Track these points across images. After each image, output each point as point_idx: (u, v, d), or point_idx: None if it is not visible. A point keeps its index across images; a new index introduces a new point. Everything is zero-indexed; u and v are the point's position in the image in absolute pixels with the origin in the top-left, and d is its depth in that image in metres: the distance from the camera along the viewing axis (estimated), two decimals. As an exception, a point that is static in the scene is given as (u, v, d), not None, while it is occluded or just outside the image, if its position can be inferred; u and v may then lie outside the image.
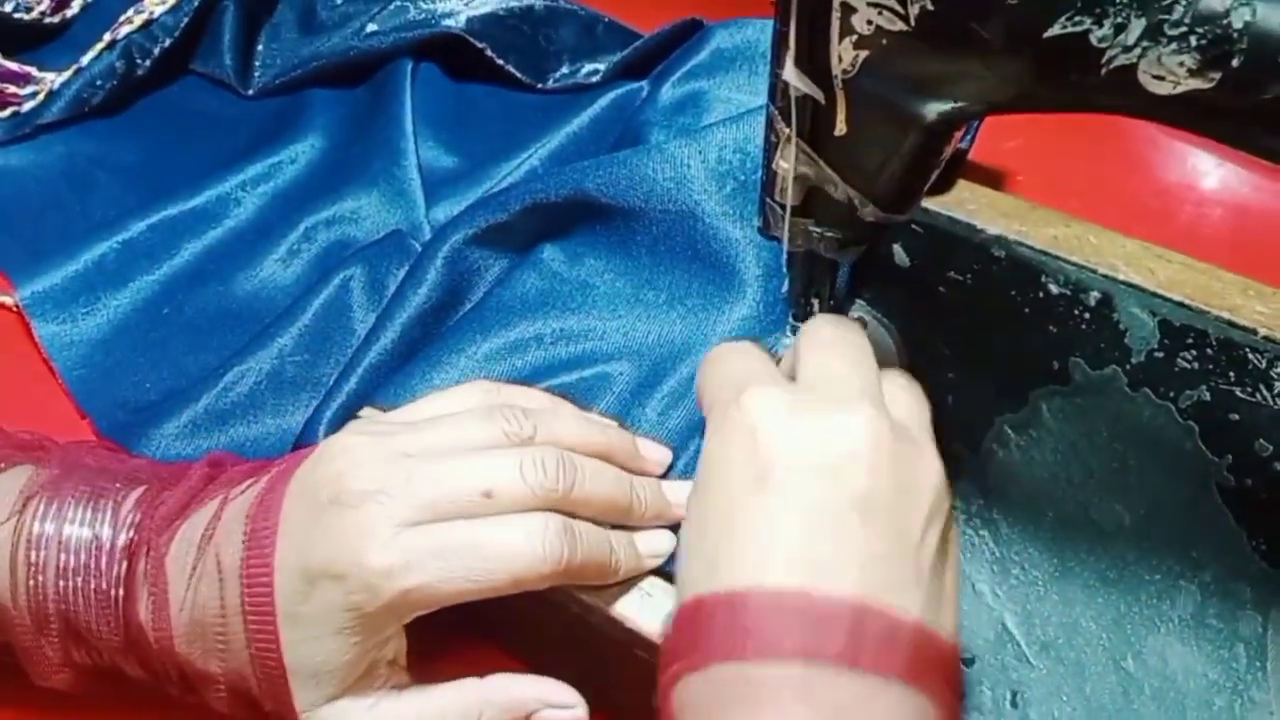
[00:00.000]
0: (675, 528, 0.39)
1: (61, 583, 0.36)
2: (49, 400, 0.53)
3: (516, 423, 0.38)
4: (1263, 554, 0.38)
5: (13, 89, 0.64)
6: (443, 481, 0.35)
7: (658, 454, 0.42)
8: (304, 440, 0.46)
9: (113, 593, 0.36)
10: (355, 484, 0.35)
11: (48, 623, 0.36)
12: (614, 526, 0.38)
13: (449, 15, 0.66)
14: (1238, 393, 0.42)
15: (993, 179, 0.60)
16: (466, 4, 0.68)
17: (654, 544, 0.39)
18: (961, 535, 0.39)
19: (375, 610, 0.34)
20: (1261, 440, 0.41)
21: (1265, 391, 0.42)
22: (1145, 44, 0.27)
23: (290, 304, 0.54)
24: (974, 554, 0.38)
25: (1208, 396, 0.42)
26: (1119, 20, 0.26)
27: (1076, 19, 0.27)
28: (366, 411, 0.45)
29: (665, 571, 0.38)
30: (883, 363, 0.44)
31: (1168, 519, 0.39)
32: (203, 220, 0.60)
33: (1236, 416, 0.42)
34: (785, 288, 0.43)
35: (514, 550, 0.34)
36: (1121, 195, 0.62)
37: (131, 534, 0.37)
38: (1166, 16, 0.26)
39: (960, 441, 0.41)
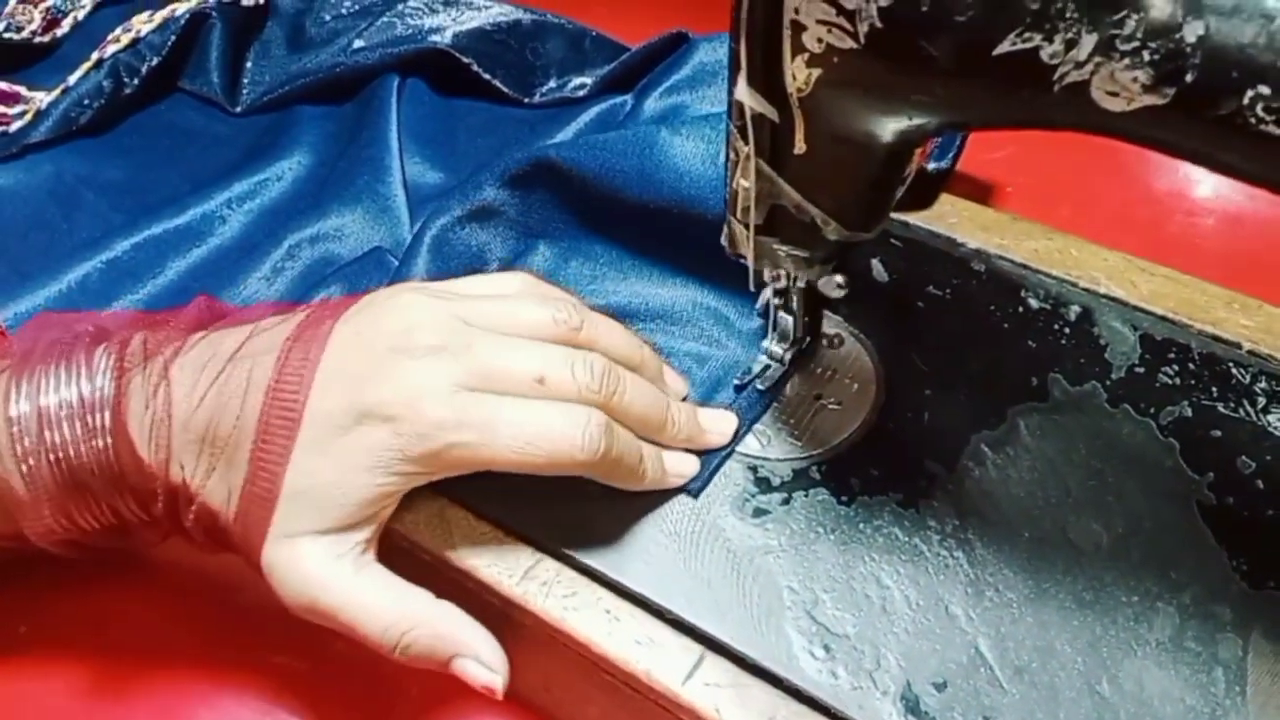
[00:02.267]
0: (702, 453, 0.41)
1: (52, 456, 0.36)
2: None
3: (566, 312, 0.40)
4: (1243, 575, 0.37)
5: (1, 109, 0.65)
6: (501, 356, 0.37)
7: (676, 383, 0.44)
8: None
9: (102, 442, 0.36)
10: (419, 339, 0.37)
11: (49, 498, 0.37)
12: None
13: (436, 31, 0.66)
14: (1220, 409, 0.42)
15: (981, 190, 0.60)
16: (454, 19, 0.67)
17: (681, 465, 0.41)
18: (936, 556, 0.38)
19: (417, 456, 0.36)
20: (1244, 457, 0.40)
21: (1249, 407, 0.41)
22: (1097, 60, 0.26)
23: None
24: (948, 575, 0.37)
25: (1189, 412, 0.41)
26: (1069, 36, 0.26)
27: (1026, 35, 0.26)
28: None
29: (633, 593, 0.37)
30: (858, 379, 0.43)
31: (1146, 539, 0.38)
32: (188, 238, 0.59)
33: (1219, 433, 0.41)
34: (758, 305, 0.43)
35: (556, 433, 0.36)
36: (1112, 204, 0.61)
37: (110, 378, 0.37)
38: (1118, 31, 0.25)
39: (936, 460, 0.41)
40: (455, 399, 0.36)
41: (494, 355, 0.37)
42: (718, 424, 0.42)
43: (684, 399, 0.43)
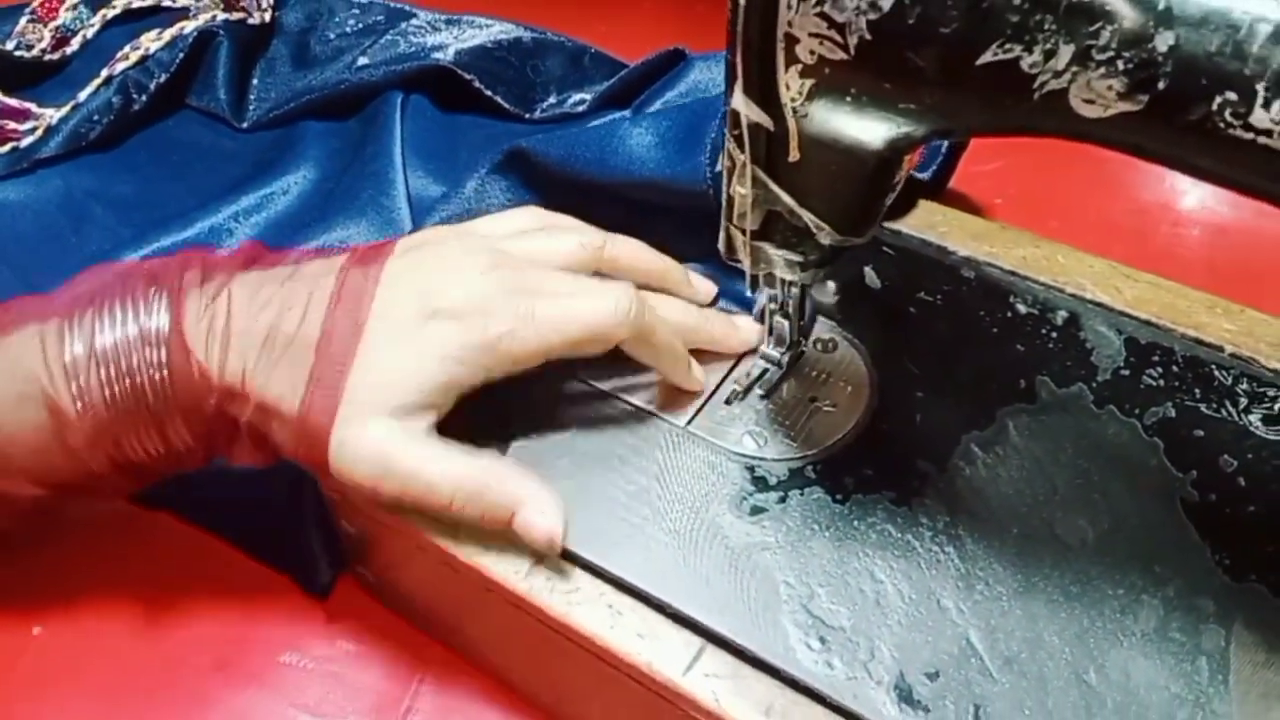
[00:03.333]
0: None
1: (108, 391, 0.39)
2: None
3: (587, 235, 0.44)
4: (1225, 568, 0.38)
5: (12, 125, 0.66)
6: (545, 287, 0.41)
7: (705, 286, 0.48)
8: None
9: (159, 374, 0.39)
10: (464, 303, 0.40)
11: (102, 431, 0.39)
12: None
13: (439, 48, 0.68)
14: (1203, 409, 0.43)
15: (972, 203, 0.61)
16: (456, 37, 0.69)
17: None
18: (928, 552, 0.39)
19: (480, 344, 0.39)
20: (1226, 456, 0.41)
21: (1230, 407, 0.43)
22: (1075, 69, 0.27)
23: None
24: (939, 570, 0.39)
25: (1173, 413, 0.43)
26: (1048, 46, 0.27)
27: (1007, 46, 0.28)
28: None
29: (635, 589, 0.39)
30: (851, 381, 0.45)
31: (1131, 534, 0.39)
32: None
33: (1201, 432, 0.42)
34: (755, 310, 0.44)
35: (592, 306, 0.41)
36: (1100, 215, 0.63)
37: (166, 307, 0.39)
38: (1094, 42, 0.27)
39: (927, 459, 0.42)
40: (513, 299, 0.40)
41: (540, 285, 0.41)
42: (746, 327, 0.46)
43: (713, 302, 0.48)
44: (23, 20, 0.72)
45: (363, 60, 0.69)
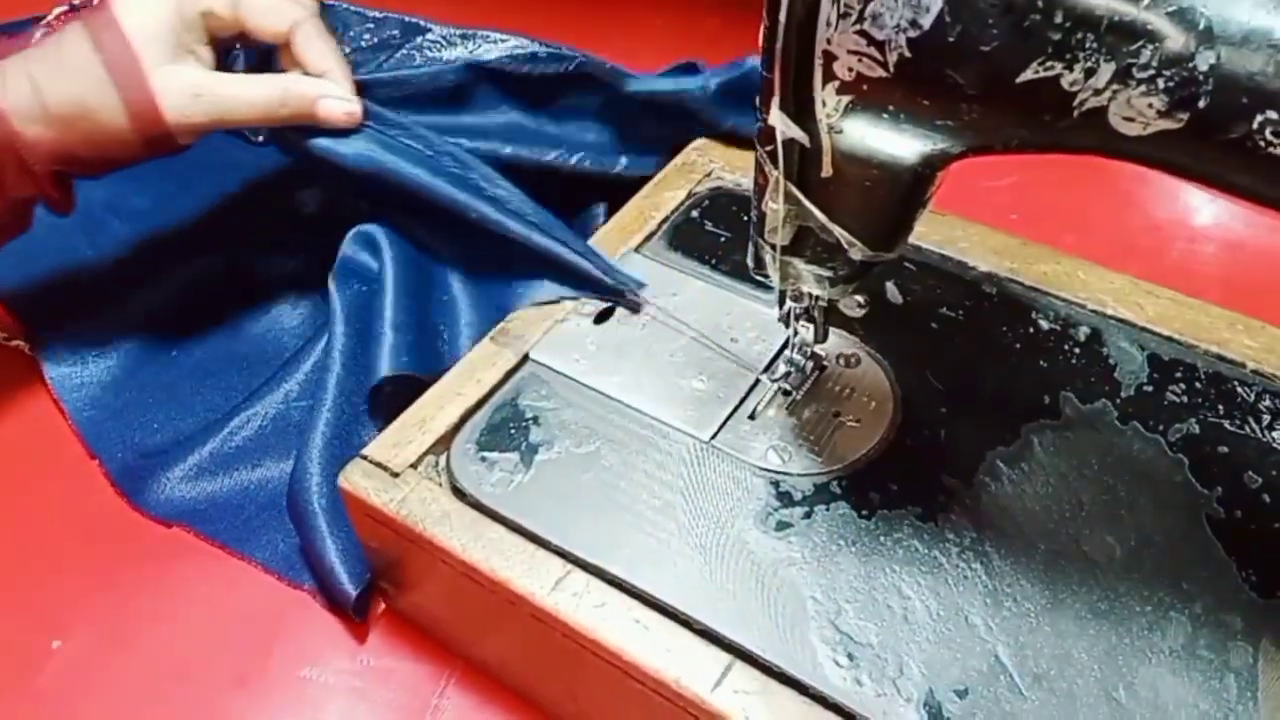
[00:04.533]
0: None
1: None
2: (59, 443, 0.54)
3: None
4: (1253, 585, 0.38)
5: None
6: None
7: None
8: (298, 476, 0.48)
9: None
10: None
11: None
12: None
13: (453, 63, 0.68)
14: (1226, 426, 0.43)
15: (987, 218, 0.61)
16: (471, 51, 0.69)
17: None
18: (955, 568, 0.39)
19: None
20: (1250, 472, 0.41)
21: (1254, 424, 0.43)
22: (1115, 87, 0.28)
23: (298, 348, 0.55)
24: (966, 586, 0.39)
25: (1196, 429, 0.43)
26: (1089, 64, 0.27)
27: (1048, 64, 0.28)
28: None
29: (662, 604, 0.38)
30: (875, 397, 0.45)
31: (1158, 551, 0.39)
32: (212, 263, 0.61)
33: (1225, 449, 0.42)
34: (778, 317, 0.44)
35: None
36: (1115, 232, 0.63)
37: None
38: (1134, 60, 0.27)
39: (952, 475, 0.42)
40: None
41: None
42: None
43: None
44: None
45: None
